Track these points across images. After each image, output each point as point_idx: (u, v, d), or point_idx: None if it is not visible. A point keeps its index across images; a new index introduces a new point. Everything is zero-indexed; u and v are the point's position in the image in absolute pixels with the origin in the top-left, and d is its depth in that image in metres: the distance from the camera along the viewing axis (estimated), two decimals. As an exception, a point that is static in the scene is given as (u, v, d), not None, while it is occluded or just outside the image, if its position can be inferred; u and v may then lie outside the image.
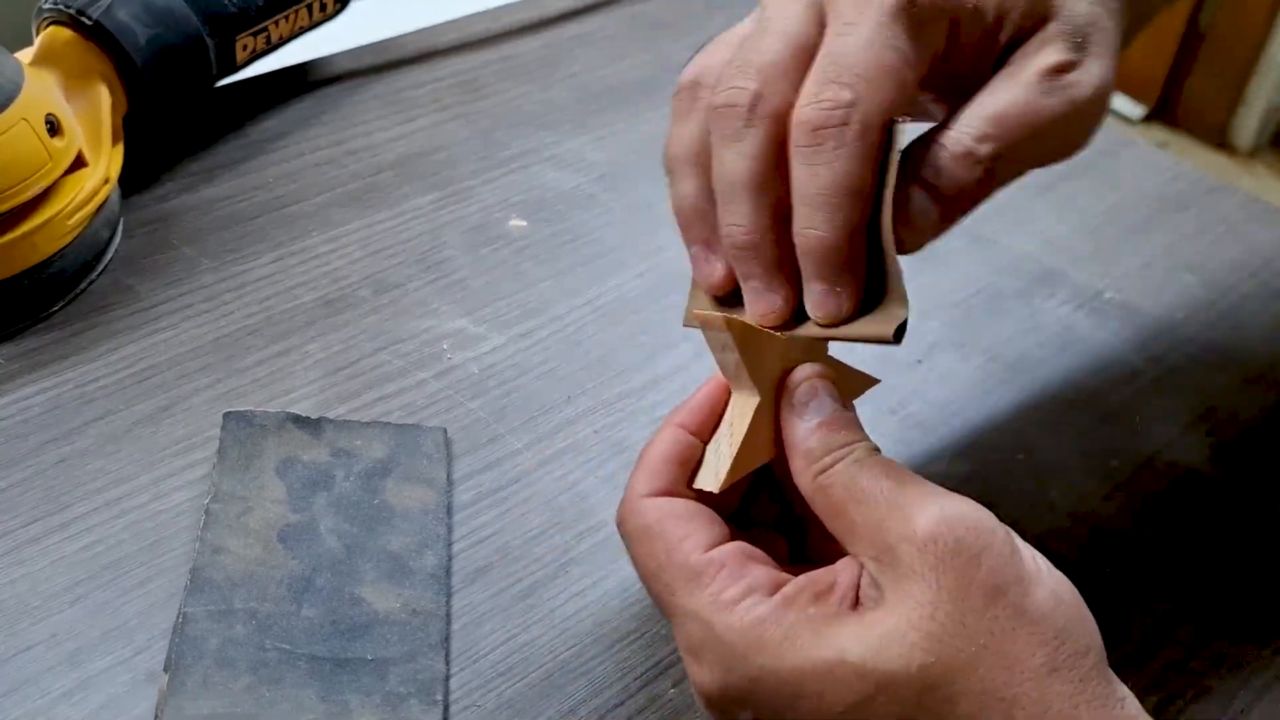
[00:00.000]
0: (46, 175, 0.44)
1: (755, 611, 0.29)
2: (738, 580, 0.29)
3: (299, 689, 0.34)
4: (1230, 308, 0.54)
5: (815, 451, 0.31)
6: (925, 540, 0.28)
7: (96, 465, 0.41)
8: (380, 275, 0.50)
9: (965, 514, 0.29)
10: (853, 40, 0.30)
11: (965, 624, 0.27)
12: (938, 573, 0.28)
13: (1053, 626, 0.28)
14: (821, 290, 0.31)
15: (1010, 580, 0.28)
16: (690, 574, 0.30)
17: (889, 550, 0.29)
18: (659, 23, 0.68)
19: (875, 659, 0.27)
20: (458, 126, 0.59)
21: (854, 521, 0.30)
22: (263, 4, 0.54)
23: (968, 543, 0.28)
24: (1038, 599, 0.28)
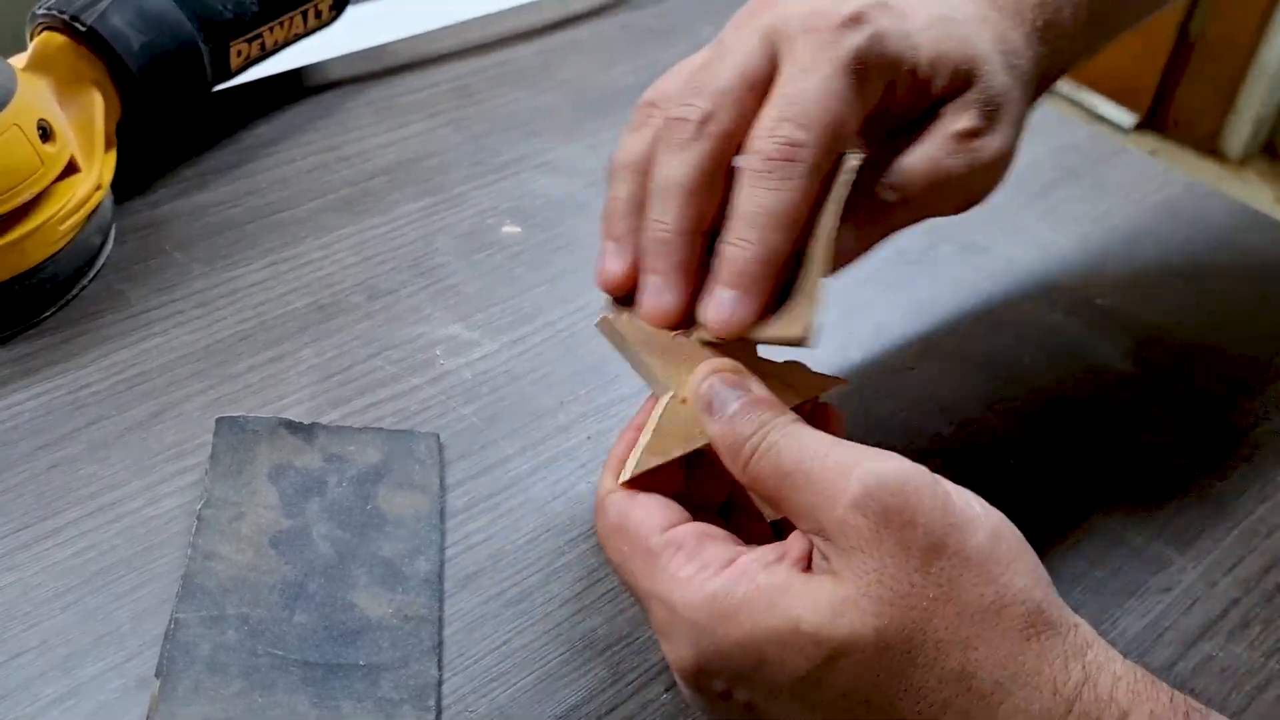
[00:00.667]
0: (38, 181, 0.44)
1: (709, 586, 0.30)
2: (692, 558, 0.31)
3: (291, 695, 0.34)
4: (1219, 313, 0.54)
5: (734, 446, 0.32)
6: (856, 516, 0.29)
7: (88, 471, 0.41)
8: (373, 281, 0.50)
9: (887, 479, 0.29)
10: (808, 86, 0.34)
11: (912, 584, 0.28)
12: (875, 544, 0.29)
13: (997, 564, 0.29)
14: (728, 297, 0.33)
15: (947, 530, 0.29)
16: (649, 556, 0.31)
17: (825, 530, 0.30)
18: (651, 30, 0.68)
19: (830, 626, 0.28)
20: (450, 133, 0.59)
21: (790, 505, 0.31)
22: (257, 10, 0.54)
23: (896, 509, 0.29)
24: (977, 542, 0.29)
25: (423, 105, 0.60)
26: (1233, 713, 0.39)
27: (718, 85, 0.34)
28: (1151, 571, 0.43)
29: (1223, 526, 0.44)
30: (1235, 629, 0.41)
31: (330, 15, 0.59)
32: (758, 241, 0.33)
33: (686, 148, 0.34)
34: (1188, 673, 0.39)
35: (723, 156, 0.34)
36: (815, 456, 0.30)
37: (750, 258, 0.33)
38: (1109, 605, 0.41)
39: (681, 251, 0.34)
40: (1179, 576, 0.43)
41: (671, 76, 0.37)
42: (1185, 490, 0.46)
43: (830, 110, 0.33)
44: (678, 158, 0.34)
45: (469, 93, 0.62)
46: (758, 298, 0.33)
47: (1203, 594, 0.42)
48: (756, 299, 0.33)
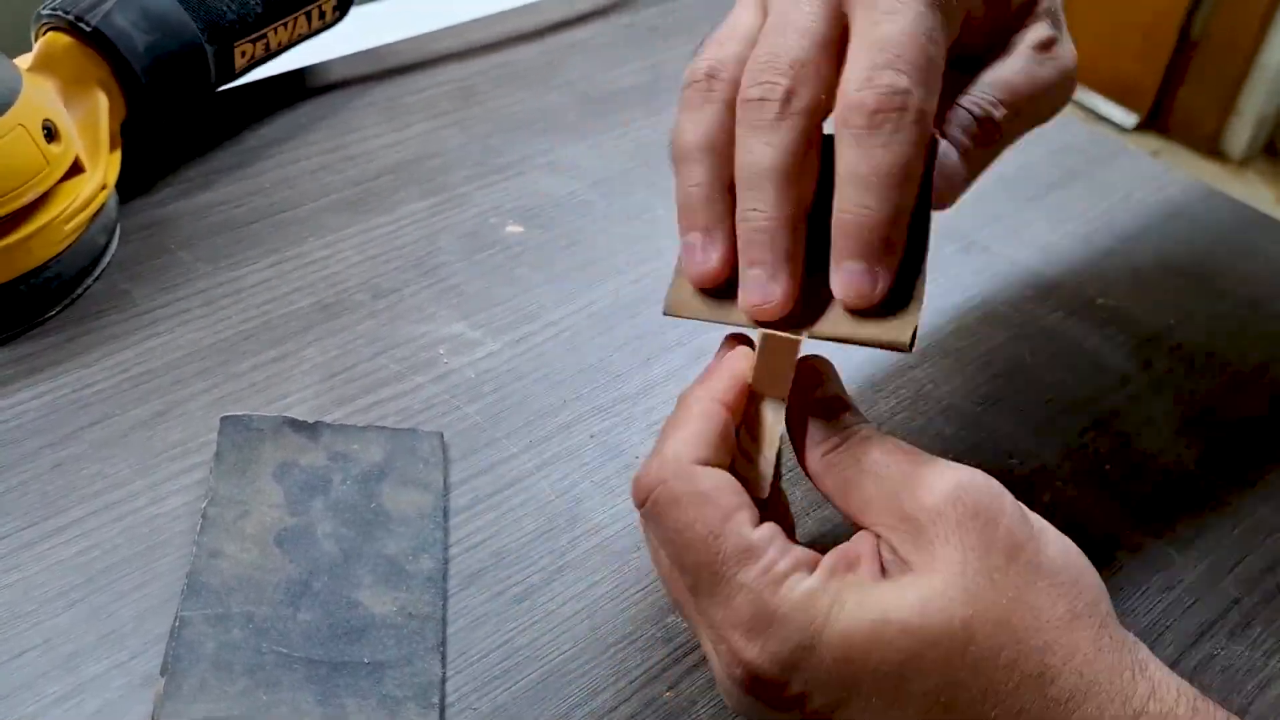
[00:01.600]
0: (43, 181, 0.44)
1: (805, 584, 0.29)
2: (785, 555, 0.30)
3: (296, 692, 0.35)
4: (1221, 313, 0.54)
5: (823, 431, 0.32)
6: (945, 507, 0.29)
7: (93, 470, 0.41)
8: (377, 280, 0.50)
9: (977, 481, 0.30)
10: (898, 28, 0.31)
11: (994, 580, 0.29)
12: (960, 535, 0.29)
13: (1068, 577, 0.30)
14: (858, 271, 0.31)
15: (1025, 538, 0.29)
16: (745, 546, 0.30)
17: (908, 520, 0.30)
18: (655, 30, 0.68)
19: (920, 617, 0.28)
20: (454, 133, 0.59)
21: (867, 495, 0.31)
22: (262, 11, 0.54)
23: (984, 506, 0.29)
24: (1051, 554, 0.30)
25: (426, 105, 0.60)
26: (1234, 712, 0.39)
27: (793, 55, 0.32)
28: (1152, 571, 0.43)
29: (1224, 526, 0.45)
30: (1236, 628, 0.41)
31: (334, 16, 0.59)
32: (877, 204, 0.31)
33: (774, 129, 0.31)
34: (1189, 672, 0.39)
35: (813, 132, 0.32)
36: (905, 454, 0.31)
37: (876, 223, 0.31)
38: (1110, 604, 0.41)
39: (783, 239, 0.32)
40: (1180, 576, 0.43)
41: (723, 44, 0.34)
42: (1186, 490, 0.46)
43: (926, 50, 0.31)
44: (764, 140, 0.31)
45: (472, 93, 0.62)
46: (888, 265, 0.31)
47: (1204, 593, 0.42)
48: (887, 266, 0.31)
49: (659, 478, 0.31)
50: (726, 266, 0.33)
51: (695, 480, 0.30)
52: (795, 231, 0.32)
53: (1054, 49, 0.38)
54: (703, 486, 0.30)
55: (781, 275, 0.32)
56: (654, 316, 0.50)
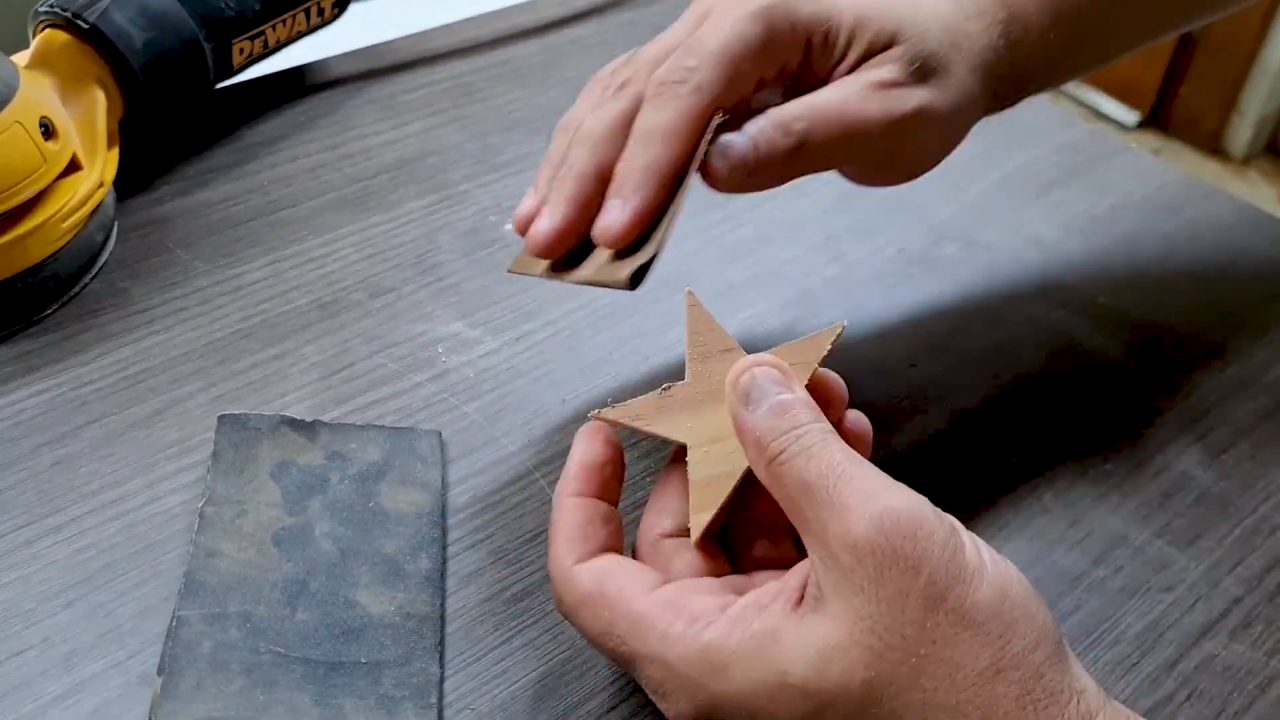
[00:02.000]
0: (40, 179, 0.44)
1: (703, 638, 0.29)
2: (680, 614, 0.30)
3: (293, 692, 0.34)
4: (1222, 312, 0.54)
5: (762, 441, 0.31)
6: (864, 548, 0.28)
7: (90, 468, 0.41)
8: (375, 279, 0.50)
9: (903, 517, 0.28)
10: (710, 30, 0.37)
11: (905, 636, 0.27)
12: (876, 585, 0.28)
13: (998, 625, 0.28)
14: (609, 206, 0.36)
15: (951, 582, 0.28)
16: (636, 620, 0.30)
17: (831, 554, 0.29)
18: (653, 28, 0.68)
19: (818, 679, 0.28)
20: (452, 131, 0.59)
21: (805, 518, 0.30)
22: (260, 8, 0.54)
23: (905, 552, 0.28)
24: (980, 599, 0.28)
25: (425, 103, 0.60)
26: (1235, 712, 0.39)
27: (643, 55, 0.39)
28: (1153, 570, 0.43)
29: (1225, 525, 0.44)
30: (1237, 628, 0.41)
31: (333, 13, 0.59)
32: (641, 153, 0.36)
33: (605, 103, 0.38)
34: (1189, 672, 0.39)
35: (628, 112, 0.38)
36: (840, 476, 0.29)
37: (632, 167, 0.36)
38: (1110, 604, 0.41)
39: (580, 182, 0.37)
40: (1181, 575, 0.42)
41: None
42: (1187, 488, 0.46)
43: (725, 45, 0.36)
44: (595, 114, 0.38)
45: (471, 91, 0.62)
46: (631, 200, 0.36)
47: (1205, 593, 0.42)
48: (630, 201, 0.36)
49: (556, 596, 0.33)
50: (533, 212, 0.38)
51: (575, 585, 0.32)
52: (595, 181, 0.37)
53: (892, 90, 0.38)
54: (585, 587, 0.32)
55: (559, 211, 0.37)
56: (653, 315, 0.50)
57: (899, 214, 0.56)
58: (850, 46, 0.38)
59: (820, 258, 0.54)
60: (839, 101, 0.38)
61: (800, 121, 0.37)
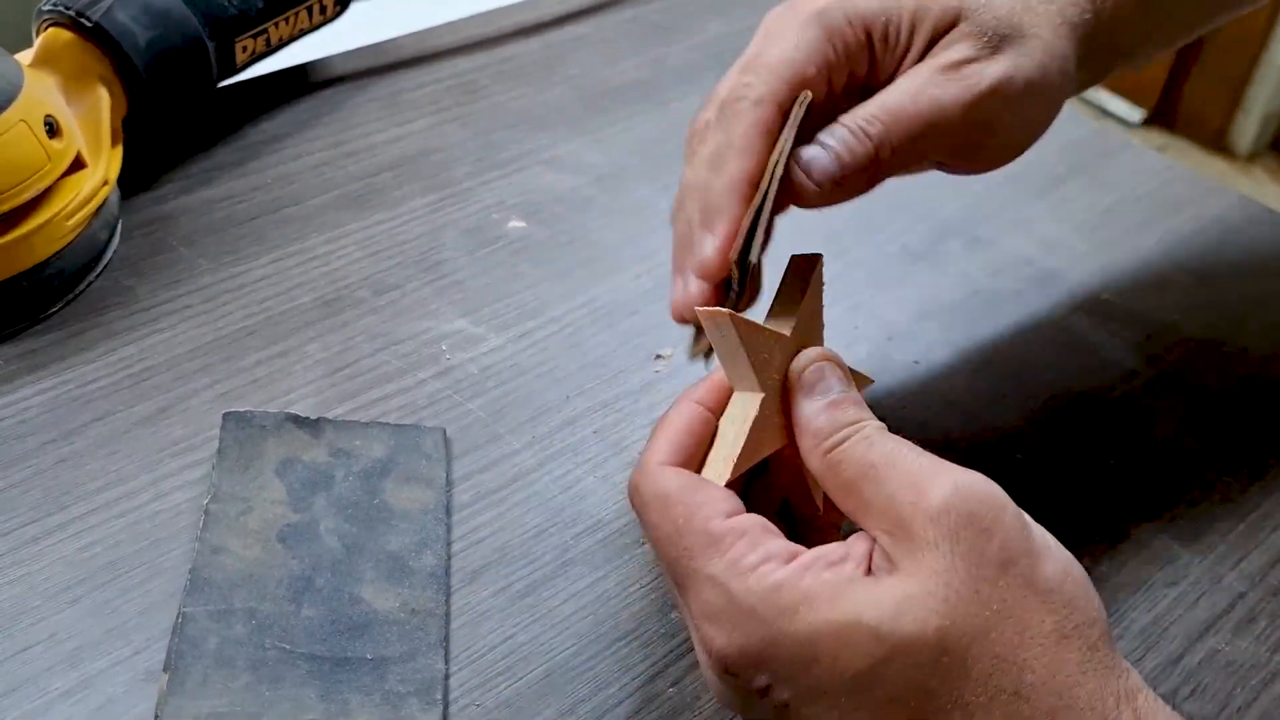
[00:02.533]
0: (45, 177, 0.44)
1: (774, 576, 0.29)
2: (755, 547, 0.30)
3: (298, 688, 0.35)
4: (1226, 308, 0.54)
5: (825, 430, 0.32)
6: (939, 512, 0.29)
7: (95, 466, 0.41)
8: (379, 276, 0.50)
9: (977, 488, 0.29)
10: (767, 43, 0.37)
11: (979, 591, 0.28)
12: (951, 543, 0.28)
13: (1061, 597, 0.29)
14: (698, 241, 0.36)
15: (1021, 552, 0.29)
16: (710, 539, 0.30)
17: (902, 523, 0.29)
18: (656, 25, 0.68)
19: (892, 622, 0.28)
20: (456, 128, 0.59)
21: (866, 497, 0.30)
22: (263, 6, 0.54)
23: (980, 516, 0.29)
24: (1047, 571, 0.29)
25: (428, 101, 0.60)
26: (1238, 707, 0.39)
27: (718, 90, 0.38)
28: (1157, 566, 0.42)
29: (1229, 521, 0.44)
30: (1241, 623, 0.41)
31: (335, 11, 0.59)
32: (713, 178, 0.35)
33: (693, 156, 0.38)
34: (1193, 667, 0.39)
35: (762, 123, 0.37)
36: (906, 456, 0.30)
37: (710, 193, 0.35)
38: (1115, 599, 0.41)
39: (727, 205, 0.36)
40: (1185, 571, 0.42)
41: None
42: (1191, 484, 0.46)
43: (782, 54, 0.36)
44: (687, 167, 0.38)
45: (474, 88, 0.62)
46: (726, 230, 0.35)
47: (1209, 588, 0.42)
48: (724, 231, 0.35)
49: (634, 483, 0.33)
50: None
51: (659, 482, 0.32)
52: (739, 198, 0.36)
53: (965, 68, 0.36)
54: (667, 487, 0.32)
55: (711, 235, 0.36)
56: (656, 312, 0.50)
57: (902, 210, 0.56)
58: (914, 35, 0.37)
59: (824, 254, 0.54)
60: (911, 92, 0.36)
61: (874, 123, 0.36)
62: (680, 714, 0.36)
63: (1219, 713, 0.38)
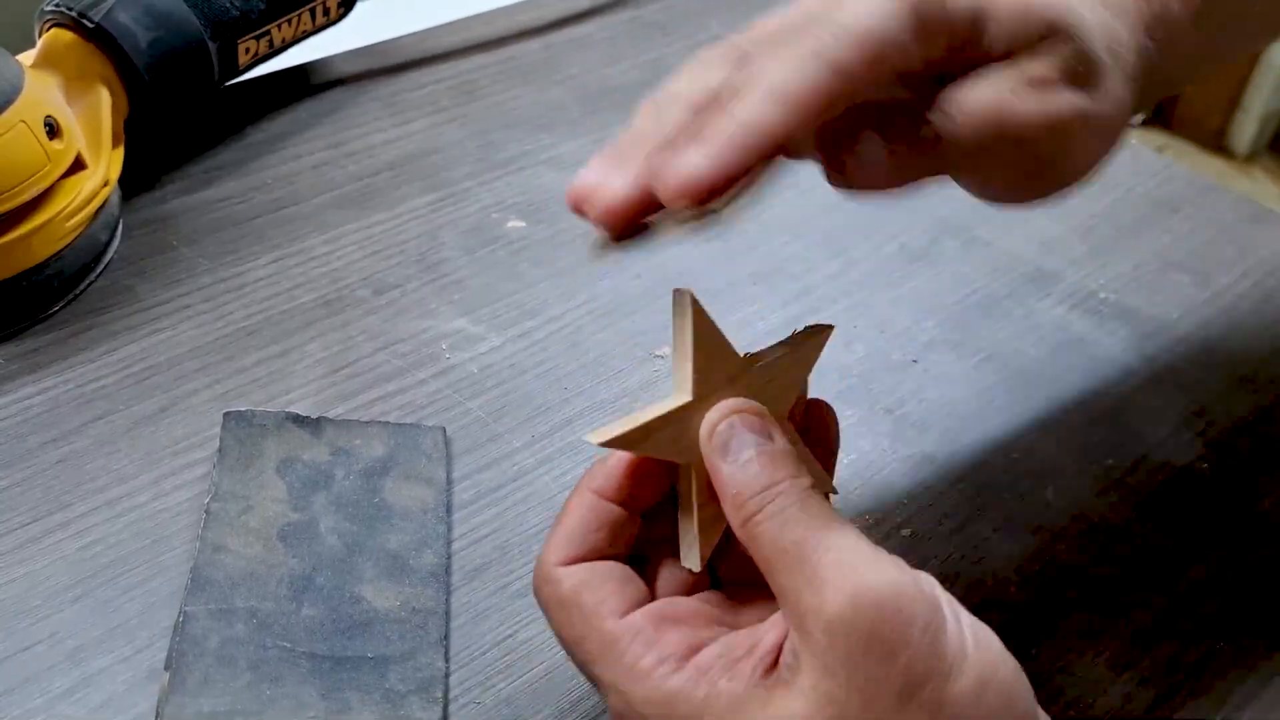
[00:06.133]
0: (45, 177, 0.44)
1: (668, 684, 0.28)
2: (651, 647, 0.28)
3: (299, 687, 0.35)
4: (1224, 308, 0.54)
5: (738, 498, 0.29)
6: (836, 628, 0.26)
7: (96, 465, 0.41)
8: (379, 276, 0.50)
9: (882, 596, 0.26)
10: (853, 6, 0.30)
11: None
12: (848, 669, 0.26)
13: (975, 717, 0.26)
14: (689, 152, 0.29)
15: (929, 673, 0.26)
16: (606, 641, 0.29)
17: (803, 627, 0.27)
18: (656, 26, 0.68)
19: None
20: (455, 129, 0.59)
21: (780, 584, 0.28)
22: (265, 8, 0.54)
23: (881, 635, 0.26)
24: (958, 691, 0.26)
25: (428, 101, 0.60)
26: (1236, 706, 0.39)
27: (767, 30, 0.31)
28: (1155, 566, 0.43)
29: (1227, 521, 0.45)
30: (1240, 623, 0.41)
31: (339, 13, 0.59)
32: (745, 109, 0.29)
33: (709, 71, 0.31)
34: (1192, 666, 0.39)
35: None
36: (817, 544, 0.27)
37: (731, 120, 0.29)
38: (1114, 599, 0.41)
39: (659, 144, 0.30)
40: (1184, 569, 0.43)
41: None
42: (1189, 485, 0.46)
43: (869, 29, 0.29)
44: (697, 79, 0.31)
45: (474, 88, 0.62)
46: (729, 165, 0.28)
47: (1207, 588, 0.42)
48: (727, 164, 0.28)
49: (535, 585, 0.31)
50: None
51: (558, 583, 0.30)
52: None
53: (1051, 88, 0.32)
54: (563, 591, 0.30)
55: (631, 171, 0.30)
56: (655, 312, 0.50)
57: (900, 210, 0.56)
58: (1000, 36, 0.32)
59: (821, 254, 0.54)
60: (991, 95, 0.32)
61: (945, 116, 0.31)
62: (680, 712, 0.37)
63: (1217, 711, 0.38)
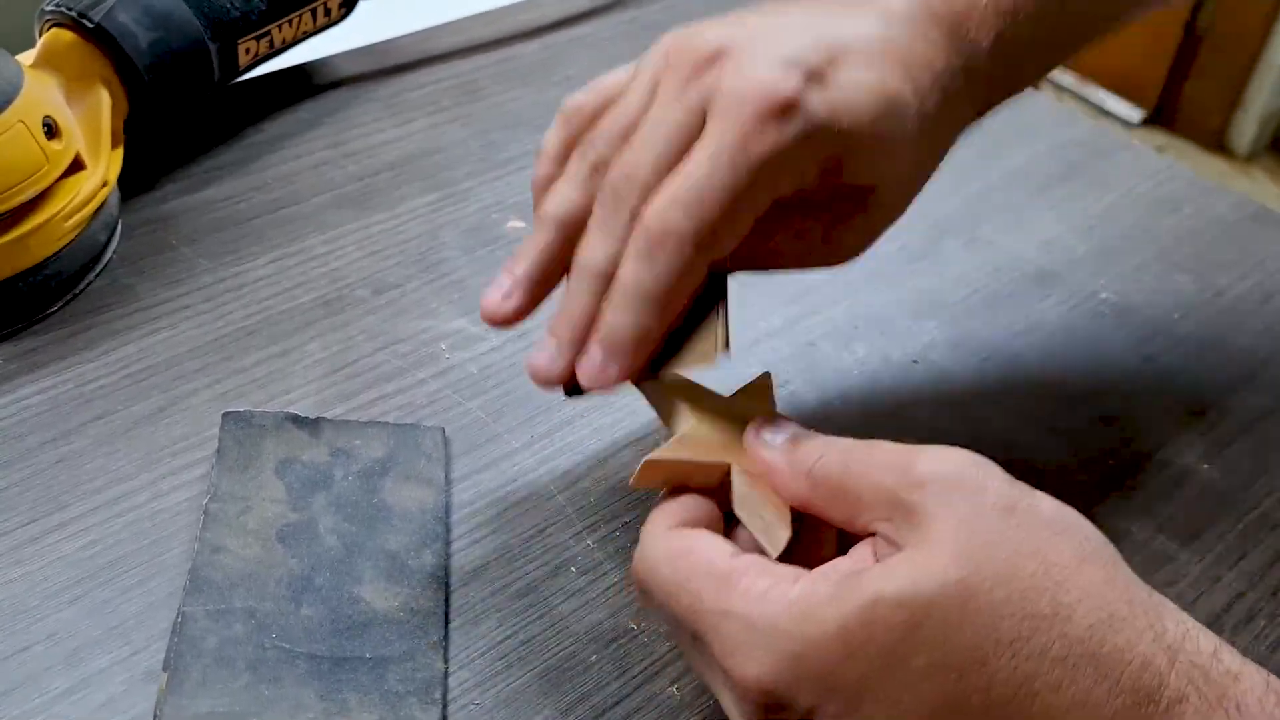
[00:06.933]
0: (43, 178, 0.44)
1: (791, 592, 0.29)
2: (763, 574, 0.30)
3: (298, 688, 0.35)
4: (1225, 308, 0.54)
5: (800, 458, 0.32)
6: (930, 481, 0.29)
7: (95, 465, 0.41)
8: (378, 276, 0.50)
9: (959, 455, 0.31)
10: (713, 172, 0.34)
11: (990, 540, 0.28)
12: (950, 506, 0.29)
13: (1070, 528, 0.30)
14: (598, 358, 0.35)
15: (1017, 497, 0.30)
16: (720, 576, 0.30)
17: (896, 504, 0.30)
18: (656, 27, 0.68)
19: (913, 588, 0.28)
20: (456, 129, 0.59)
21: (857, 496, 0.31)
22: (266, 8, 0.54)
23: (969, 475, 0.30)
24: (1045, 508, 0.30)
25: (428, 101, 0.60)
26: (1238, 706, 0.38)
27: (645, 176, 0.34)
28: (1156, 565, 0.43)
29: (1227, 520, 0.44)
30: (1240, 623, 0.41)
31: (340, 13, 0.59)
32: (631, 320, 0.34)
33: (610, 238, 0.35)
34: (1193, 666, 0.39)
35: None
36: (878, 447, 0.31)
37: (624, 334, 0.34)
38: (1114, 599, 0.41)
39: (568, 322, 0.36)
40: (1183, 570, 0.42)
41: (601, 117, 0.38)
42: (1190, 484, 0.46)
43: (723, 204, 0.33)
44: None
45: (474, 89, 0.62)
46: (627, 365, 0.34)
47: (1207, 588, 0.42)
48: (625, 366, 0.34)
49: (637, 555, 0.32)
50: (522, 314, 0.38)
51: (667, 541, 0.32)
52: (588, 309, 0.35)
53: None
54: (676, 544, 0.31)
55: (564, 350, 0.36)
56: (656, 312, 0.50)
57: (901, 210, 0.56)
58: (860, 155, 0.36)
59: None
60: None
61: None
62: (679, 713, 0.36)
63: (1217, 712, 0.38)
